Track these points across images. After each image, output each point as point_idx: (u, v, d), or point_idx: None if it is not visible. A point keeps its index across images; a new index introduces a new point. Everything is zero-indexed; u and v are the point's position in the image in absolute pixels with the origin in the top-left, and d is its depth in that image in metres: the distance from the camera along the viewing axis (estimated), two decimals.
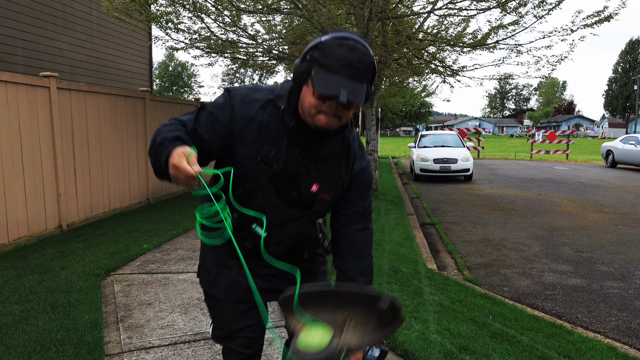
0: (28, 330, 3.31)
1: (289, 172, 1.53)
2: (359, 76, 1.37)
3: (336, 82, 1.34)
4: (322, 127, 1.44)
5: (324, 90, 1.34)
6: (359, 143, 1.68)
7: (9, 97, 5.33)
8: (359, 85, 1.37)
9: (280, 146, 1.51)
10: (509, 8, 7.99)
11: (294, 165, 1.53)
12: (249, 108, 1.52)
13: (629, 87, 62.45)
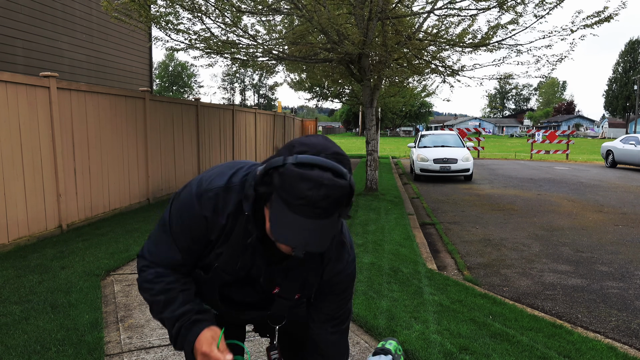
0: (28, 330, 3.31)
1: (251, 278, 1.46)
2: (325, 214, 1.14)
3: (294, 227, 1.13)
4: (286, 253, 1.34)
5: (280, 239, 1.15)
6: (337, 241, 1.48)
7: (9, 97, 5.33)
8: (324, 224, 1.15)
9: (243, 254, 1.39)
10: (508, 7, 7.99)
11: (256, 272, 1.44)
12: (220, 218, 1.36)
13: (629, 87, 62.46)
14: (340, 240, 1.48)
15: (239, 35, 8.85)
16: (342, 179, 1.15)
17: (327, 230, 1.16)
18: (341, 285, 1.51)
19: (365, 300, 3.92)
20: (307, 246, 1.14)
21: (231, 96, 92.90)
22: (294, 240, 1.14)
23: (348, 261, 1.50)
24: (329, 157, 1.17)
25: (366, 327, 3.41)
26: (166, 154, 9.18)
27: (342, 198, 1.15)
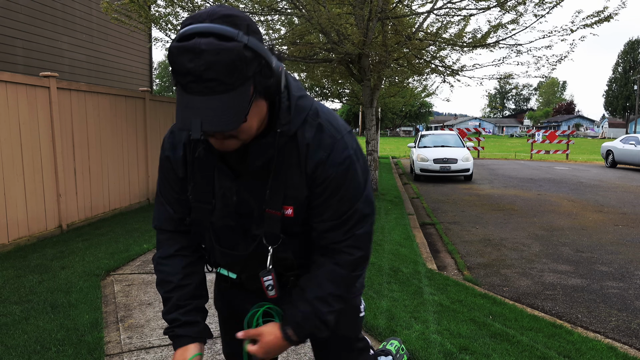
0: (28, 330, 3.31)
1: (231, 204, 1.28)
2: (221, 86, 0.97)
3: (189, 108, 0.99)
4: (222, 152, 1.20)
5: (178, 124, 1.01)
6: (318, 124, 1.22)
7: (9, 97, 5.33)
8: (222, 99, 0.98)
9: (212, 177, 1.28)
10: (508, 7, 7.99)
11: (232, 195, 1.27)
12: (178, 151, 1.32)
13: (629, 87, 62.48)
14: (323, 124, 1.23)
15: None
16: (230, 42, 0.97)
17: (229, 105, 0.98)
18: (333, 182, 1.22)
19: (365, 300, 3.92)
20: (203, 126, 0.97)
21: None
22: (184, 121, 0.99)
23: (334, 149, 1.21)
24: (216, 22, 0.99)
25: (366, 327, 3.41)
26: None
27: (235, 64, 0.96)
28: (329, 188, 1.23)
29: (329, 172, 1.21)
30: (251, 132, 1.12)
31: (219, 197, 1.28)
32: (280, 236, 1.28)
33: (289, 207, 1.25)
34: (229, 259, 1.38)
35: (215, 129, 0.99)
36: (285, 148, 1.21)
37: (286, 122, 1.19)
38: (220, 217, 1.31)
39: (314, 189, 1.23)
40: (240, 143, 1.13)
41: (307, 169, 1.22)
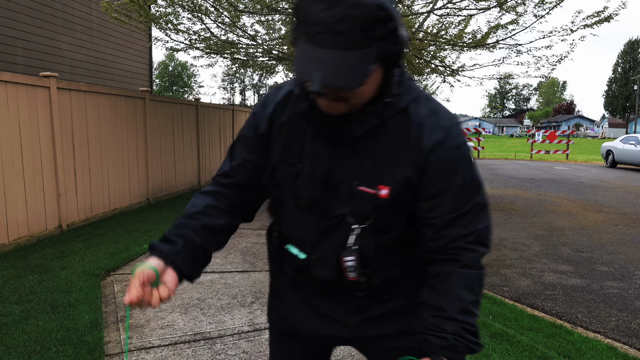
0: (28, 330, 3.31)
1: (320, 172, 1.16)
2: (349, 41, 0.93)
3: (312, 60, 0.95)
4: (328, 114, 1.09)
5: (297, 74, 0.98)
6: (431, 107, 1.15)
7: (9, 97, 5.33)
8: (347, 55, 0.94)
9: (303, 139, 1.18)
10: (508, 7, 7.99)
11: (324, 162, 1.16)
12: (267, 109, 1.25)
13: (628, 87, 62.49)
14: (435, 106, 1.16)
15: (238, 36, 8.86)
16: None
17: (353, 64, 0.94)
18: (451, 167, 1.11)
19: None
20: (325, 79, 0.93)
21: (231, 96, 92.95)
22: (305, 71, 0.95)
23: (452, 132, 1.13)
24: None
25: None
26: (166, 154, 9.18)
27: (367, 21, 0.93)
28: (445, 174, 1.11)
29: (446, 155, 1.11)
30: (363, 97, 1.06)
31: (308, 162, 1.17)
32: (370, 215, 1.13)
33: (385, 187, 1.12)
34: (305, 229, 1.20)
35: (337, 85, 0.94)
36: (392, 121, 1.12)
37: (397, 93, 1.12)
38: (304, 184, 1.18)
39: (428, 173, 1.12)
40: (349, 108, 1.07)
41: (421, 148, 1.11)
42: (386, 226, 1.17)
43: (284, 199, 1.22)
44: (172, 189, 9.51)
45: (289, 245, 1.24)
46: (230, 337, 3.28)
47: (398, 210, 1.17)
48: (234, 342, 3.21)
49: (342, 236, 1.16)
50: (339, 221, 1.16)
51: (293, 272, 1.25)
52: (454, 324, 1.11)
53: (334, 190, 1.15)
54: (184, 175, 9.98)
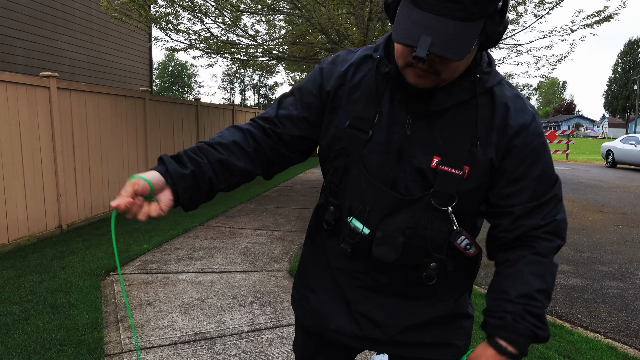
0: (28, 330, 3.31)
1: (394, 141, 1.09)
2: (459, 12, 0.90)
3: (419, 25, 0.90)
4: (414, 85, 1.04)
5: (399, 38, 0.92)
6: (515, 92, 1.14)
7: (9, 97, 5.33)
8: (457, 25, 0.90)
9: (379, 105, 1.11)
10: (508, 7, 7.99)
11: (399, 132, 1.09)
12: (339, 67, 1.17)
13: (628, 87, 62.50)
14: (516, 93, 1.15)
15: (238, 36, 8.86)
16: None
17: (462, 35, 0.91)
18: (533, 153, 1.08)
19: None
20: (433, 46, 0.88)
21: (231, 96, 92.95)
22: (412, 35, 0.90)
23: (535, 118, 1.12)
24: None
25: None
26: (166, 154, 9.17)
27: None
28: (528, 160, 1.07)
29: (530, 140, 1.08)
30: (456, 73, 1.03)
31: (382, 129, 1.10)
32: (455, 196, 1.06)
33: (466, 166, 1.07)
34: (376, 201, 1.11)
35: (443, 54, 0.90)
36: (478, 100, 1.08)
37: (487, 72, 1.09)
38: (375, 153, 1.10)
39: (510, 156, 1.07)
40: (437, 83, 1.03)
41: (507, 128, 1.07)
42: (458, 213, 1.10)
43: (350, 167, 1.13)
44: None
45: (351, 218, 1.14)
46: (230, 337, 3.28)
47: (476, 195, 1.11)
48: (234, 342, 3.21)
49: (418, 216, 1.09)
50: (418, 199, 1.08)
51: (351, 248, 1.15)
52: (516, 305, 1.04)
53: (405, 163, 1.09)
54: None
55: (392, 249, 1.11)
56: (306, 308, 1.33)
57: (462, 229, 1.09)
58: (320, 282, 1.30)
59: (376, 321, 1.22)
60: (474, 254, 1.11)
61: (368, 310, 1.22)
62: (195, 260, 5.05)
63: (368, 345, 1.27)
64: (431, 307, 1.22)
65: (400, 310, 1.21)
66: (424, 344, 1.24)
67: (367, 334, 1.23)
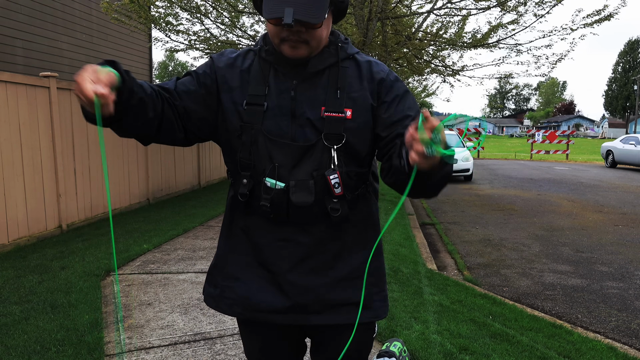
0: (28, 330, 3.31)
1: (285, 105, 1.30)
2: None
3: (280, 2, 1.14)
4: (292, 58, 1.27)
5: (268, 14, 1.16)
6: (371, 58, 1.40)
7: (8, 97, 5.33)
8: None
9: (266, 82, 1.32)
10: (508, 7, 7.99)
11: (287, 97, 1.31)
12: (227, 58, 1.38)
13: (628, 87, 62.45)
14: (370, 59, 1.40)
15: (238, 36, 8.86)
16: None
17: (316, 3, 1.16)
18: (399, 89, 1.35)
19: None
20: (296, 14, 1.13)
21: None
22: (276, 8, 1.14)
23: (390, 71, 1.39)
24: None
25: None
26: (166, 154, 9.17)
27: None
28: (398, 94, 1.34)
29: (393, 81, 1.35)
30: (321, 40, 1.26)
31: (274, 98, 1.31)
32: (343, 135, 1.29)
33: (348, 109, 1.30)
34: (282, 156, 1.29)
35: (305, 19, 1.14)
36: (345, 62, 1.34)
37: (345, 42, 1.36)
38: (272, 117, 1.31)
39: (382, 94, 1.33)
40: (309, 52, 1.26)
41: (373, 77, 1.34)
42: (354, 151, 1.31)
43: (256, 138, 1.30)
44: (172, 189, 9.51)
45: (266, 178, 1.30)
46: (230, 337, 3.28)
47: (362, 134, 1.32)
48: (234, 342, 3.21)
49: (318, 159, 1.29)
50: (314, 144, 1.29)
51: (270, 202, 1.29)
52: None
53: (299, 119, 1.30)
54: (183, 175, 9.98)
55: (308, 193, 1.28)
56: (232, 298, 1.42)
57: (337, 169, 1.29)
58: (244, 268, 1.40)
59: (304, 286, 1.35)
60: (339, 194, 1.29)
61: (296, 277, 1.34)
62: (195, 261, 5.05)
63: (300, 316, 1.36)
64: (349, 260, 1.38)
65: (323, 270, 1.36)
66: (349, 303, 1.37)
67: (298, 300, 1.35)
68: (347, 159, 1.31)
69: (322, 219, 1.33)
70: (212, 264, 1.52)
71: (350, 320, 1.37)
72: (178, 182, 9.74)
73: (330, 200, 1.30)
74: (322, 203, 1.30)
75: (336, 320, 1.38)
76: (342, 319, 1.38)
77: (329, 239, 1.36)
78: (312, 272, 1.35)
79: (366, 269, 1.38)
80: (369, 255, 1.40)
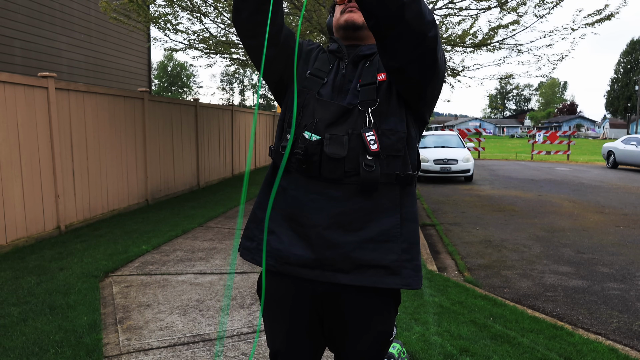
0: (26, 332, 3.29)
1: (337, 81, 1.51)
2: None
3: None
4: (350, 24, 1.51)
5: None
6: None
7: (7, 97, 5.32)
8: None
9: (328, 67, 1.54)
10: (509, 7, 7.98)
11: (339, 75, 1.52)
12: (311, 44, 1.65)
13: (630, 87, 62.45)
14: None
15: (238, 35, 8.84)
16: None
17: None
18: None
19: None
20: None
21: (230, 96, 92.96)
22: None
23: None
24: None
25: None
26: (165, 154, 9.15)
27: None
28: None
29: None
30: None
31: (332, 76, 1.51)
32: (376, 100, 1.42)
33: (382, 74, 1.47)
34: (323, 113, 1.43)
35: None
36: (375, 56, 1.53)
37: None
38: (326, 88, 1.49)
39: None
40: (362, 21, 1.50)
41: None
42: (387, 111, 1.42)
43: (309, 100, 1.46)
44: (171, 190, 9.49)
45: (305, 132, 1.42)
46: (229, 338, 3.26)
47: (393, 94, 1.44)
48: (233, 343, 3.19)
49: (354, 121, 1.41)
50: (352, 108, 1.42)
51: (303, 151, 1.39)
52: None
53: (344, 92, 1.47)
54: (182, 176, 9.96)
55: (340, 146, 1.38)
56: (268, 252, 1.46)
57: (373, 127, 1.40)
58: (278, 222, 1.45)
59: (332, 241, 1.38)
60: (374, 150, 1.37)
61: (325, 231, 1.38)
62: (195, 262, 5.03)
63: (327, 273, 1.39)
64: (380, 221, 1.40)
65: (353, 227, 1.38)
66: (377, 266, 1.39)
67: (325, 254, 1.38)
68: (382, 119, 1.41)
69: (354, 178, 1.38)
70: (249, 218, 1.58)
71: (376, 283, 1.38)
72: (177, 182, 9.72)
73: (365, 157, 1.37)
74: (356, 160, 1.38)
75: (362, 282, 1.38)
76: (368, 281, 1.38)
77: (362, 198, 1.39)
78: (342, 228, 1.38)
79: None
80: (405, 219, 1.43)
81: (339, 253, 1.37)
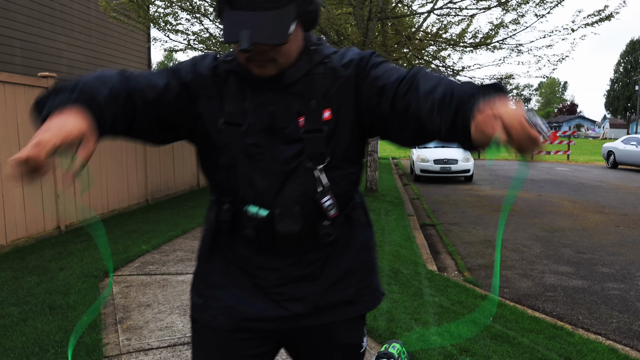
0: (26, 332, 3.29)
1: (263, 120, 1.18)
2: (267, 3, 1.03)
3: (237, 23, 1.03)
4: (261, 77, 1.16)
5: (225, 38, 1.04)
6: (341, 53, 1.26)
7: (7, 97, 5.32)
8: (269, 15, 1.04)
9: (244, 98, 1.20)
10: (509, 7, 7.98)
11: (264, 111, 1.18)
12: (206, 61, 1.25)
13: (630, 87, 62.48)
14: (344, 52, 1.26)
15: None
16: None
17: (277, 22, 1.04)
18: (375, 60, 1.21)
19: None
20: (252, 37, 1.01)
21: None
22: (232, 33, 1.03)
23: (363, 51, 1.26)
24: None
25: (366, 329, 3.39)
26: (165, 154, 9.16)
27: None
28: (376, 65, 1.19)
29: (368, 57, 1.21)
30: (290, 56, 1.15)
31: (252, 114, 1.18)
32: (325, 154, 1.17)
33: (327, 110, 1.18)
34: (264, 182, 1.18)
35: (264, 41, 1.03)
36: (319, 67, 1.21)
37: (318, 43, 1.24)
38: (252, 136, 1.18)
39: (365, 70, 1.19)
40: (278, 69, 1.14)
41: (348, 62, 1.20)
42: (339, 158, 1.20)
43: (235, 160, 1.19)
44: (171, 190, 9.49)
45: (248, 206, 1.20)
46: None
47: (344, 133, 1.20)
48: None
49: (303, 183, 1.18)
50: (296, 167, 1.17)
51: (254, 231, 1.21)
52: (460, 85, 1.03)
53: (278, 135, 1.18)
54: (182, 176, 9.96)
55: (294, 220, 1.18)
56: (216, 308, 1.31)
57: (329, 189, 1.19)
58: (231, 276, 1.31)
59: (296, 296, 1.28)
60: (332, 216, 1.20)
61: (285, 290, 1.27)
62: (195, 262, 5.03)
63: (290, 322, 1.29)
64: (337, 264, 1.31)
65: (312, 278, 1.28)
66: (339, 303, 1.32)
67: (290, 309, 1.28)
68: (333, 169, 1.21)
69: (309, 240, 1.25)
70: (195, 270, 1.43)
71: (337, 317, 1.33)
72: (177, 183, 9.72)
73: (321, 225, 1.21)
74: (312, 228, 1.21)
75: (325, 320, 1.32)
76: (330, 318, 1.33)
77: (317, 250, 1.28)
78: (301, 280, 1.28)
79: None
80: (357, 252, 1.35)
81: (304, 305, 1.29)
